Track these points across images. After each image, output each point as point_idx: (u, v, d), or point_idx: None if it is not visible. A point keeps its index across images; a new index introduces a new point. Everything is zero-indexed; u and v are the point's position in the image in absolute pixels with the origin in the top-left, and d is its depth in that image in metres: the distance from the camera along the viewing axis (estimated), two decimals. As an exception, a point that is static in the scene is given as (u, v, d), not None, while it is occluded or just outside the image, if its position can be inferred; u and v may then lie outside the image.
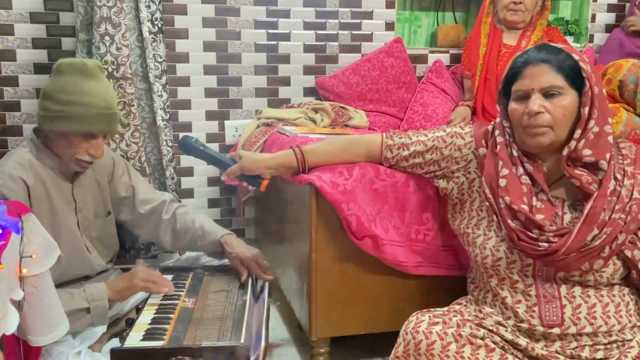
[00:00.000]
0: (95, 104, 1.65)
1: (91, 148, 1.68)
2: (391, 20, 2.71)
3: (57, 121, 1.64)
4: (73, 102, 1.63)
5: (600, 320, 1.35)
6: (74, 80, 1.65)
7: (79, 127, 1.64)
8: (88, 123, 1.64)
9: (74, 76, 1.65)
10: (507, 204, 1.38)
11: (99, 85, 1.69)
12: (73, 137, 1.65)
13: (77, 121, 1.63)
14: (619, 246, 1.34)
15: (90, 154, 1.68)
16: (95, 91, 1.66)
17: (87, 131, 1.65)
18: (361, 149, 1.70)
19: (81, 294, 1.62)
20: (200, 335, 1.47)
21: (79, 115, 1.63)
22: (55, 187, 1.70)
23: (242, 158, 1.73)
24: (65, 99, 1.63)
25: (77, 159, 1.68)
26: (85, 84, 1.65)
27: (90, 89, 1.66)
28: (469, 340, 1.30)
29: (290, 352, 2.00)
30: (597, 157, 1.35)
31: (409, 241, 1.73)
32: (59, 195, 1.71)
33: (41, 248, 1.28)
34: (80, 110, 1.63)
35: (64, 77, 1.66)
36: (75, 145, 1.66)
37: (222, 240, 1.83)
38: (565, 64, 1.35)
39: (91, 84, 1.66)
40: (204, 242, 1.87)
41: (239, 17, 2.53)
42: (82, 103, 1.63)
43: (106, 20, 2.09)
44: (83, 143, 1.66)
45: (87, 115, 1.64)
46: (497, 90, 2.38)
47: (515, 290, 1.41)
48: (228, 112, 2.60)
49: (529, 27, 2.44)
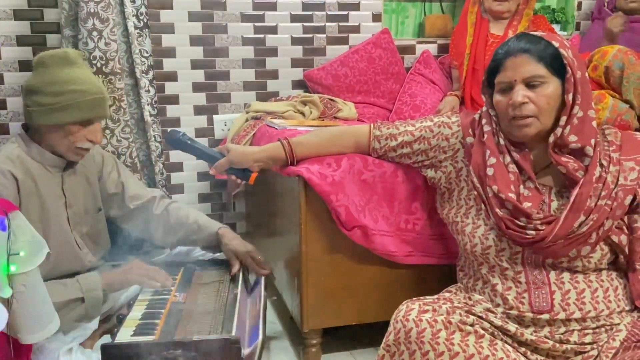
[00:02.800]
0: (88, 90, 1.65)
1: (90, 134, 1.68)
2: (378, 12, 2.71)
3: (53, 113, 1.63)
4: (66, 92, 1.63)
5: (589, 306, 1.36)
6: (61, 70, 1.64)
7: (78, 116, 1.64)
8: (85, 110, 1.64)
9: (59, 67, 1.65)
10: (494, 193, 1.39)
11: (85, 72, 1.70)
12: (71, 127, 1.65)
13: (74, 110, 1.63)
14: (606, 232, 1.35)
15: (90, 139, 1.69)
16: (85, 78, 1.67)
17: (86, 118, 1.65)
18: (349, 140, 1.70)
19: (75, 284, 1.62)
20: (192, 329, 1.47)
21: (75, 103, 1.63)
22: (45, 182, 1.70)
23: (230, 151, 1.72)
24: (57, 90, 1.63)
25: (78, 147, 1.68)
26: (73, 73, 1.65)
27: (79, 76, 1.66)
28: (458, 327, 1.30)
29: (282, 345, 2.00)
30: (582, 142, 1.36)
31: (398, 231, 1.74)
32: (48, 190, 1.70)
33: (29, 245, 1.27)
34: (75, 99, 1.63)
35: (50, 69, 1.65)
36: (75, 134, 1.66)
37: (220, 233, 1.84)
38: (546, 52, 1.35)
39: (78, 72, 1.67)
40: (200, 235, 1.88)
41: (225, 11, 2.52)
42: (75, 91, 1.63)
43: (93, 15, 2.08)
44: (82, 131, 1.67)
45: (83, 102, 1.64)
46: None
47: (506, 277, 1.42)
48: (216, 107, 2.59)
49: (515, 17, 2.44)
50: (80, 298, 1.60)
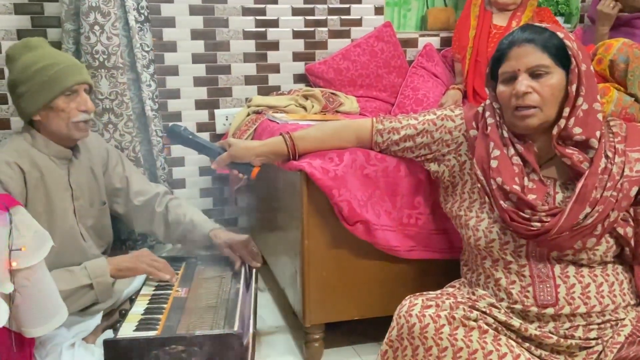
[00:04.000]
0: (58, 61, 1.68)
1: (80, 105, 1.70)
2: (380, 5, 2.69)
3: (35, 96, 1.65)
4: (36, 72, 1.65)
5: (594, 300, 1.35)
6: (28, 56, 1.68)
7: (56, 88, 1.66)
8: (60, 81, 1.66)
9: (26, 54, 1.68)
10: (498, 185, 1.38)
11: (49, 50, 1.73)
12: (58, 103, 1.67)
13: (50, 84, 1.65)
14: (611, 224, 1.34)
15: (82, 110, 1.70)
16: (50, 53, 1.71)
17: (65, 87, 1.67)
18: (351, 134, 1.69)
19: (82, 270, 1.63)
20: (194, 324, 1.47)
21: (50, 77, 1.65)
22: (52, 174, 1.71)
23: (231, 146, 1.71)
24: (29, 73, 1.66)
25: (74, 122, 1.69)
26: (38, 53, 1.68)
27: (45, 54, 1.69)
28: (462, 322, 1.29)
29: (284, 339, 2.00)
30: (587, 135, 1.35)
31: (401, 225, 1.73)
32: (55, 182, 1.71)
33: (32, 240, 1.26)
34: (48, 73, 1.65)
35: (19, 60, 1.69)
36: (65, 110, 1.67)
37: (211, 234, 1.84)
38: (551, 42, 1.34)
39: (44, 52, 1.70)
40: (194, 235, 1.88)
41: (226, 5, 2.51)
42: (44, 67, 1.66)
43: (95, 9, 2.07)
44: (70, 103, 1.68)
45: (54, 74, 1.66)
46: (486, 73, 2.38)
47: (510, 271, 1.41)
48: (218, 101, 2.58)
49: (519, 8, 2.43)
50: (89, 284, 1.61)
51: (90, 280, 1.62)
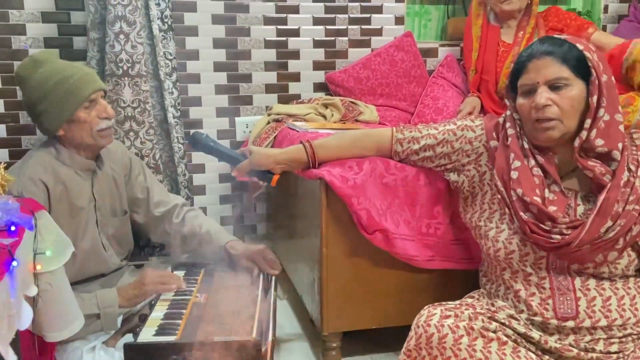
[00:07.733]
0: (71, 73, 1.67)
1: (101, 113, 1.70)
2: (401, 14, 2.70)
3: (55, 113, 1.65)
4: (53, 87, 1.65)
5: (615, 313, 1.34)
6: (39, 73, 1.67)
7: (76, 101, 1.66)
8: (79, 92, 1.66)
9: (36, 71, 1.68)
10: (519, 196, 1.37)
11: (57, 64, 1.71)
12: (80, 115, 1.66)
13: (69, 98, 1.65)
14: (634, 238, 1.33)
15: (103, 117, 1.70)
16: (60, 66, 1.69)
17: (84, 98, 1.66)
18: (371, 143, 1.69)
19: (92, 299, 1.63)
20: (213, 330, 1.47)
21: (67, 91, 1.65)
22: (76, 186, 1.72)
23: (252, 153, 1.73)
24: (45, 90, 1.65)
25: (98, 130, 1.69)
26: (49, 68, 1.68)
27: (56, 68, 1.68)
28: (481, 333, 1.29)
29: (302, 347, 2.00)
30: (609, 146, 1.34)
31: (420, 235, 1.73)
32: (79, 194, 1.72)
33: (55, 245, 1.29)
34: (64, 87, 1.65)
35: (31, 78, 1.68)
36: (86, 120, 1.67)
37: (227, 246, 1.85)
38: (570, 54, 1.33)
39: (54, 65, 1.69)
40: (210, 247, 1.88)
41: (248, 14, 2.53)
42: (60, 81, 1.65)
43: (121, 18, 2.10)
44: (91, 113, 1.68)
45: (72, 85, 1.65)
46: (494, 92, 2.37)
47: (529, 282, 1.40)
48: (238, 109, 2.60)
49: (524, 18, 2.40)
50: (96, 314, 1.61)
51: (99, 310, 1.61)
